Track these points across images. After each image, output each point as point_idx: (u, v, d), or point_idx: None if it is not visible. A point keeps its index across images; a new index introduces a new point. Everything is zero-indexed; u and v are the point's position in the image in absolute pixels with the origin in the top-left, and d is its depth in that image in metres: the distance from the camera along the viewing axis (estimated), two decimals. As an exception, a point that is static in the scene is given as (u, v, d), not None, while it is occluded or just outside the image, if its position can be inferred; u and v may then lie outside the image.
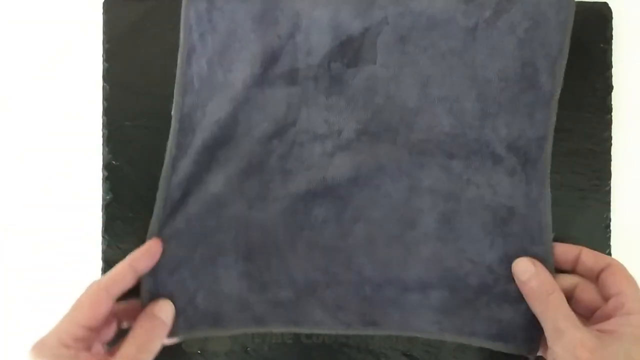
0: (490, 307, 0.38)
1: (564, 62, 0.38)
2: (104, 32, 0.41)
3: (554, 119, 0.38)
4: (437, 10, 0.38)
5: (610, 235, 0.40)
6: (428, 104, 0.38)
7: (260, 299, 0.38)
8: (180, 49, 0.38)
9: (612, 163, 0.40)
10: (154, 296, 0.37)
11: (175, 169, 0.38)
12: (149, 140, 0.40)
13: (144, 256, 0.36)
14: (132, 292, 0.36)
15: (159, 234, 0.37)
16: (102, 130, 0.41)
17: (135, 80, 0.40)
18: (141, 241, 0.40)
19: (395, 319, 0.38)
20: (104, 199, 0.40)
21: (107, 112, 0.41)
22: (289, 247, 0.38)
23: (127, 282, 0.34)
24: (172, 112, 0.38)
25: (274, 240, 0.38)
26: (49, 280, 0.42)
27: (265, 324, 0.38)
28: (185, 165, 0.38)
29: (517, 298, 0.37)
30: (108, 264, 0.40)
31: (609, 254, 0.40)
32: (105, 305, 0.33)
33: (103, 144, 0.41)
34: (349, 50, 0.38)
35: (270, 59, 0.38)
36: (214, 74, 0.38)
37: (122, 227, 0.40)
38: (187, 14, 0.38)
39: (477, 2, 0.38)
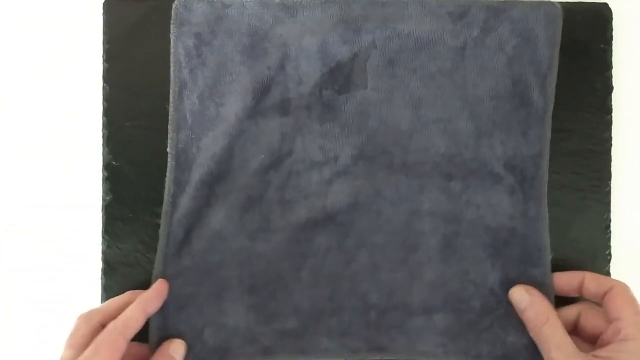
0: (493, 329, 0.38)
1: (554, 78, 0.38)
2: (104, 32, 0.41)
3: (548, 135, 0.38)
4: (424, 31, 0.38)
5: (610, 236, 0.40)
6: (421, 126, 0.38)
7: (268, 330, 0.38)
8: (172, 85, 0.39)
9: (612, 163, 0.40)
10: (163, 334, 0.37)
11: (175, 205, 0.38)
12: (149, 140, 0.40)
13: (154, 298, 0.36)
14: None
15: (165, 272, 0.38)
16: (102, 131, 0.41)
17: (135, 81, 0.40)
18: (141, 241, 0.40)
19: (401, 344, 0.38)
20: (104, 199, 0.40)
21: (107, 112, 0.41)
22: (293, 276, 0.38)
23: (140, 324, 0.35)
24: (168, 149, 0.39)
25: (278, 271, 0.38)
26: (49, 280, 0.42)
27: (273, 355, 0.38)
28: (185, 202, 0.38)
29: (517, 318, 0.37)
30: (108, 264, 0.40)
31: (609, 254, 0.40)
32: (122, 349, 0.33)
33: (103, 144, 0.41)
34: (340, 77, 0.38)
35: (262, 91, 0.38)
36: (206, 108, 0.38)
37: (122, 227, 0.40)
38: (176, 51, 0.39)
39: (465, 21, 0.38)
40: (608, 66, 0.40)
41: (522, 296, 0.37)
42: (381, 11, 0.38)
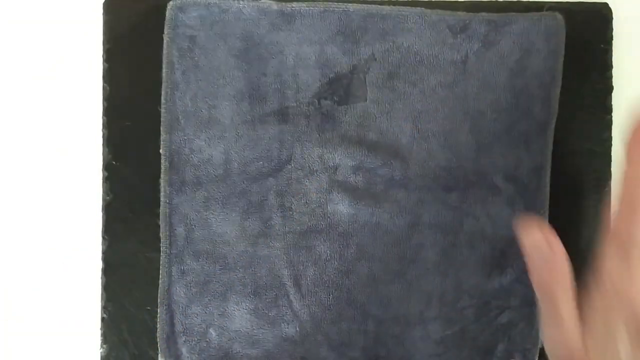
0: (486, 338, 0.39)
1: (557, 90, 0.38)
2: (104, 32, 0.41)
3: (550, 147, 0.39)
4: (424, 45, 0.38)
5: (610, 236, 0.40)
6: (421, 139, 0.39)
7: (269, 334, 0.39)
8: (163, 87, 0.39)
9: (612, 163, 0.40)
10: (170, 329, 0.39)
11: (172, 206, 0.38)
12: (149, 140, 0.40)
13: None
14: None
15: (170, 272, 0.38)
16: (102, 130, 0.41)
17: (135, 81, 0.40)
18: (141, 241, 0.40)
19: (398, 354, 0.39)
20: (104, 199, 0.40)
21: (107, 112, 0.41)
22: (294, 284, 0.39)
23: None
24: (161, 151, 0.39)
25: (280, 277, 0.39)
26: (49, 280, 0.42)
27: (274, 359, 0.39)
28: (182, 203, 0.38)
29: (509, 327, 0.38)
30: (108, 264, 0.40)
31: (609, 254, 0.40)
32: None
33: (103, 144, 0.41)
34: (339, 88, 0.38)
35: (258, 97, 0.38)
36: (199, 110, 0.38)
37: (122, 227, 0.40)
38: (169, 52, 0.38)
39: (465, 35, 0.38)
40: (608, 66, 0.40)
41: (541, 245, 0.31)
42: (381, 23, 0.38)
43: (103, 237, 0.40)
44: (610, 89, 0.40)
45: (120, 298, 0.40)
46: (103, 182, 0.40)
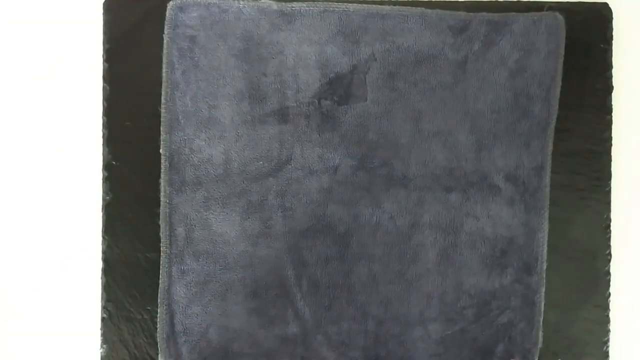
0: (485, 338, 0.39)
1: (557, 90, 0.39)
2: (104, 32, 0.41)
3: (550, 147, 0.39)
4: (424, 45, 0.38)
5: (610, 236, 0.40)
6: (422, 139, 0.39)
7: (269, 334, 0.39)
8: (163, 87, 0.39)
9: (612, 163, 0.40)
10: (170, 329, 0.39)
11: (172, 206, 0.39)
12: (149, 140, 0.40)
13: None
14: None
15: (170, 272, 0.39)
16: (102, 130, 0.41)
17: (135, 81, 0.40)
18: (141, 241, 0.40)
19: (398, 354, 0.39)
20: (104, 199, 0.40)
21: (107, 112, 0.41)
22: (294, 284, 0.39)
23: None
24: (161, 151, 0.39)
25: (280, 277, 0.39)
26: (49, 280, 0.42)
27: (273, 359, 0.39)
28: (182, 203, 0.39)
29: (509, 327, 0.39)
30: (108, 264, 0.40)
31: (609, 254, 0.40)
32: None
33: (103, 144, 0.41)
34: (339, 88, 0.39)
35: (258, 97, 0.39)
36: (198, 110, 0.39)
37: (122, 227, 0.40)
38: (169, 52, 0.39)
39: (465, 35, 0.38)
40: (608, 66, 0.40)
41: None
42: (381, 24, 0.38)
43: (103, 237, 0.40)
44: (610, 88, 0.40)
45: (120, 298, 0.40)
46: (103, 182, 0.40)
